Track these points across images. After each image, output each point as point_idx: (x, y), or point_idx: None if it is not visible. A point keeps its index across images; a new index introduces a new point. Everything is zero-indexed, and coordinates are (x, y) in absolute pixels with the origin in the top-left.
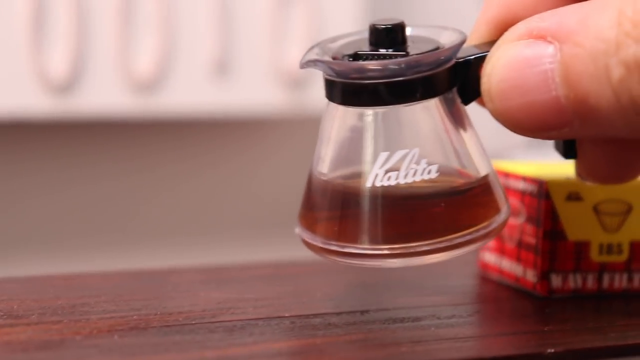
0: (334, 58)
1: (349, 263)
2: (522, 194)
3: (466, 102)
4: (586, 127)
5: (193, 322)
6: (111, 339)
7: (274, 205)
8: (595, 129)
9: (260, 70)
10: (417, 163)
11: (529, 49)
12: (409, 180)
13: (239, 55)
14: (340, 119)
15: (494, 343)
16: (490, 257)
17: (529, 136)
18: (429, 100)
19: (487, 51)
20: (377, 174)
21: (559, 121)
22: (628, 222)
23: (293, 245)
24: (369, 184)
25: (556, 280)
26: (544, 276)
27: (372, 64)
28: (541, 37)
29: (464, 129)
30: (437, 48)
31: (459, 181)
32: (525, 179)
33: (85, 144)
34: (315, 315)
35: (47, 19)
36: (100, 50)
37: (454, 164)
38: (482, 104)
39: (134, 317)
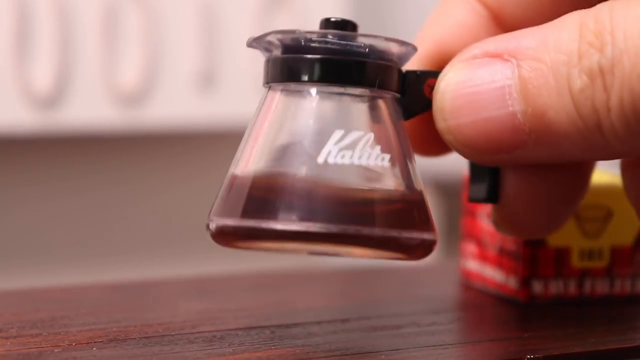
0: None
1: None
2: None
3: (408, 116)
4: (541, 147)
5: (172, 333)
6: (90, 351)
7: None
8: (550, 150)
9: (246, 82)
10: (372, 147)
11: (485, 67)
12: (363, 162)
13: (224, 67)
14: (284, 104)
15: (472, 350)
16: (472, 265)
17: (476, 160)
18: (384, 92)
19: (435, 70)
20: (330, 151)
21: (513, 141)
22: (608, 227)
23: (275, 257)
24: (320, 160)
25: (537, 287)
26: (525, 283)
27: (336, 34)
28: (497, 56)
29: (407, 140)
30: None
31: (404, 184)
32: None
33: (70, 158)
34: (296, 325)
35: (31, 33)
36: (84, 64)
37: (400, 166)
38: (420, 127)
39: (114, 329)
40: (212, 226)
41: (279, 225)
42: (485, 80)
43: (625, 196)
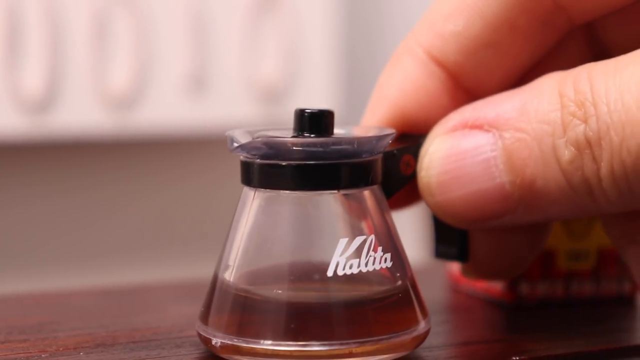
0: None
1: None
2: None
3: (389, 195)
4: (530, 212)
5: (160, 338)
6: (77, 356)
7: None
8: (538, 214)
9: (236, 86)
10: (375, 251)
11: (467, 139)
12: (370, 268)
13: (214, 71)
14: (269, 206)
15: (459, 352)
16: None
17: (465, 227)
18: (370, 187)
19: (406, 145)
20: (338, 262)
21: (502, 209)
22: (594, 229)
23: None
24: (330, 273)
25: (524, 289)
26: (512, 285)
27: (325, 141)
28: (477, 126)
29: (393, 223)
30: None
31: (398, 279)
32: None
33: (60, 162)
34: None
35: (21, 38)
36: (75, 69)
37: (394, 260)
38: (401, 204)
39: (101, 334)
40: (218, 344)
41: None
42: (469, 154)
43: None
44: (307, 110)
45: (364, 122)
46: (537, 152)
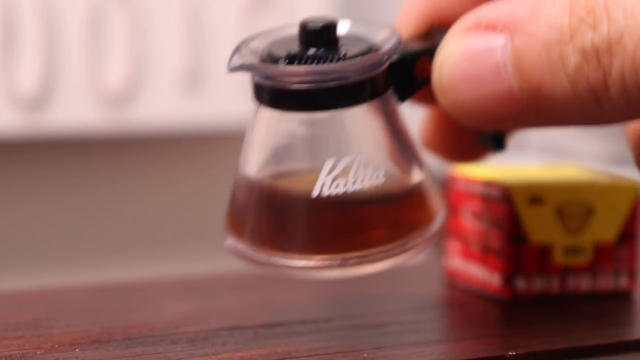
0: (262, 60)
1: (286, 273)
2: (484, 198)
3: (403, 99)
4: (541, 117)
5: (156, 334)
6: (72, 353)
7: None
8: (551, 119)
9: (232, 82)
10: (365, 168)
11: (479, 40)
12: (357, 187)
13: (210, 68)
14: (273, 123)
15: (455, 347)
16: (456, 263)
17: (483, 129)
18: (368, 102)
19: (423, 48)
20: (324, 182)
21: (513, 112)
22: (591, 223)
23: None
24: (315, 193)
25: (521, 284)
26: (508, 280)
27: (307, 68)
28: (491, 27)
29: (400, 130)
30: (371, 49)
31: (398, 186)
32: (486, 183)
33: (56, 160)
34: (279, 324)
35: (16, 35)
36: (70, 66)
37: (394, 168)
38: (419, 101)
39: (97, 330)
40: (227, 243)
41: (286, 262)
42: (480, 56)
43: (607, 192)
44: (309, 25)
45: (399, 17)
46: (545, 58)
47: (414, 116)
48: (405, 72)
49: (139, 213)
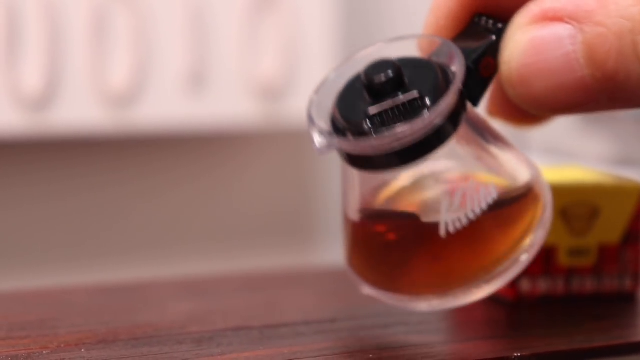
0: (339, 129)
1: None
2: None
3: (476, 104)
4: (614, 102)
5: (161, 334)
6: (78, 353)
7: (250, 218)
8: (623, 103)
9: (235, 83)
10: (477, 192)
11: (547, 30)
12: (478, 211)
13: (214, 68)
14: (366, 176)
15: (460, 348)
16: None
17: (549, 116)
18: (458, 131)
19: (482, 46)
20: (446, 222)
21: (585, 100)
22: (595, 225)
23: (265, 257)
24: (442, 232)
25: (525, 285)
26: (513, 281)
27: (401, 132)
28: (558, 18)
29: (488, 130)
30: (439, 76)
31: (511, 190)
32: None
33: (60, 160)
34: (284, 325)
35: (20, 35)
36: (74, 66)
37: (502, 173)
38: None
39: (103, 330)
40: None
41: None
42: (549, 47)
43: (612, 194)
44: (375, 81)
45: (436, 8)
46: (618, 47)
47: None
48: (473, 78)
49: (143, 213)
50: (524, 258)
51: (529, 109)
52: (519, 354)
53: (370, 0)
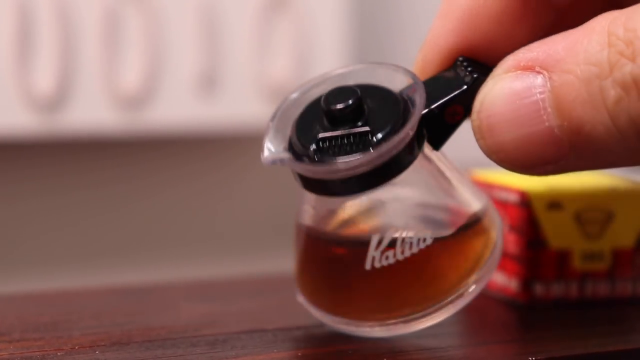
0: (292, 146)
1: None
2: (504, 203)
3: (437, 147)
4: (583, 158)
5: (175, 337)
6: (92, 355)
7: (262, 220)
8: (593, 160)
9: (247, 84)
10: (410, 236)
11: (518, 81)
12: (407, 254)
13: (226, 70)
14: (314, 198)
15: (474, 352)
16: None
17: (524, 173)
18: (409, 167)
19: (451, 94)
20: (374, 257)
21: (554, 154)
22: (609, 229)
23: (278, 259)
24: (368, 267)
25: (539, 289)
26: (527, 285)
27: (346, 163)
28: (529, 68)
29: (444, 170)
30: (400, 113)
31: (451, 231)
32: (506, 188)
33: (72, 161)
34: (298, 328)
35: (32, 37)
36: (86, 68)
37: (445, 213)
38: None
39: (116, 332)
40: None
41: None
42: (519, 96)
43: (626, 198)
44: (332, 108)
45: (432, 30)
46: (584, 95)
47: None
48: (437, 122)
49: (155, 215)
50: (472, 290)
51: (500, 164)
52: (534, 358)
53: (382, 2)
